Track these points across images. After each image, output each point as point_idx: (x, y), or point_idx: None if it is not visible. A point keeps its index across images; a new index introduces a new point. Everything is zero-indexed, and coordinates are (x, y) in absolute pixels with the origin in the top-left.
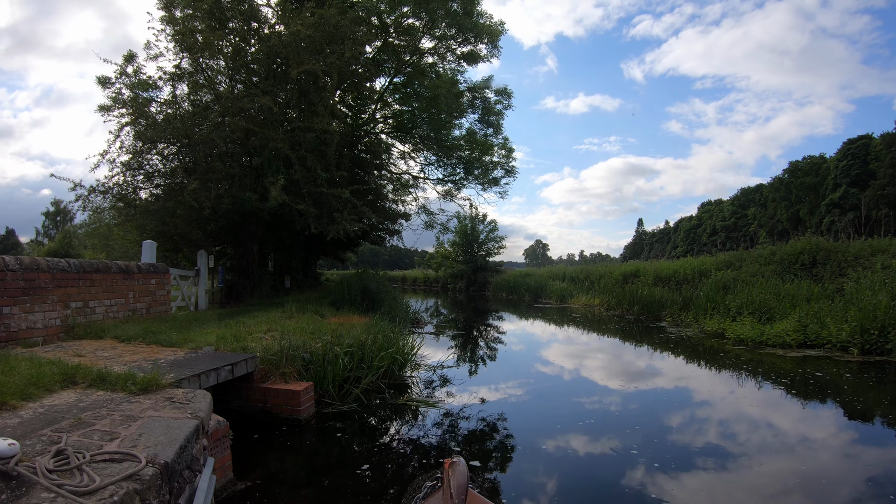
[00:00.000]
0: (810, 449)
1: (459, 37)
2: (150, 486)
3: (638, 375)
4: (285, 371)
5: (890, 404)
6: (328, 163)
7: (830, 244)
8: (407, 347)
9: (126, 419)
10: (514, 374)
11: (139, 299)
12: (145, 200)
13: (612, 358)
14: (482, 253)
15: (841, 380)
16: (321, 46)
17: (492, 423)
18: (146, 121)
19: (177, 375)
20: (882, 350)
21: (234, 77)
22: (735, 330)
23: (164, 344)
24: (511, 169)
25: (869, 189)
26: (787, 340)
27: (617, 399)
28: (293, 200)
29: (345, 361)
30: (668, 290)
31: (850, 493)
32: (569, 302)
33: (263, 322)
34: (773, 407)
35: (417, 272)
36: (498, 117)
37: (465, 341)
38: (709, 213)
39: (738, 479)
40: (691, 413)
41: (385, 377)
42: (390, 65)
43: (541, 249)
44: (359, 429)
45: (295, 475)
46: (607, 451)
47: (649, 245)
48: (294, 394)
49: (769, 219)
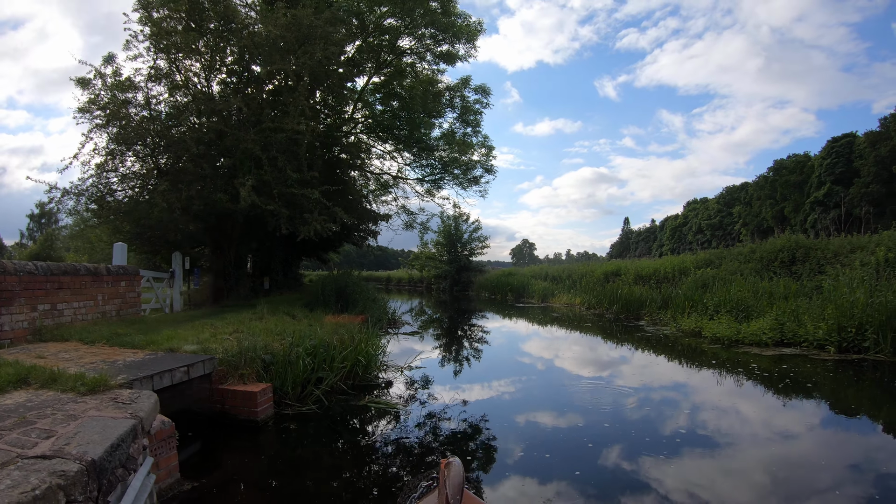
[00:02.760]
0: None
1: (438, 35)
2: (75, 483)
3: (599, 374)
4: (244, 372)
5: (860, 404)
6: (299, 163)
7: (810, 241)
8: (371, 348)
9: (67, 418)
10: (482, 376)
11: (108, 301)
12: (119, 202)
13: (580, 358)
14: (465, 253)
15: (809, 377)
16: (293, 47)
17: (453, 424)
18: (122, 122)
19: (129, 377)
20: (859, 348)
21: (210, 78)
22: (711, 328)
23: (127, 346)
24: (490, 168)
25: (853, 187)
26: (763, 339)
27: (573, 398)
28: (263, 201)
29: (306, 363)
30: (648, 289)
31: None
32: (550, 301)
33: (232, 323)
34: (736, 401)
35: (402, 272)
36: (477, 116)
37: (439, 341)
38: (695, 211)
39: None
40: (643, 415)
41: (350, 378)
42: (370, 65)
43: (527, 249)
44: (314, 431)
45: (243, 476)
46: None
47: (636, 244)
48: (251, 395)
49: (754, 217)
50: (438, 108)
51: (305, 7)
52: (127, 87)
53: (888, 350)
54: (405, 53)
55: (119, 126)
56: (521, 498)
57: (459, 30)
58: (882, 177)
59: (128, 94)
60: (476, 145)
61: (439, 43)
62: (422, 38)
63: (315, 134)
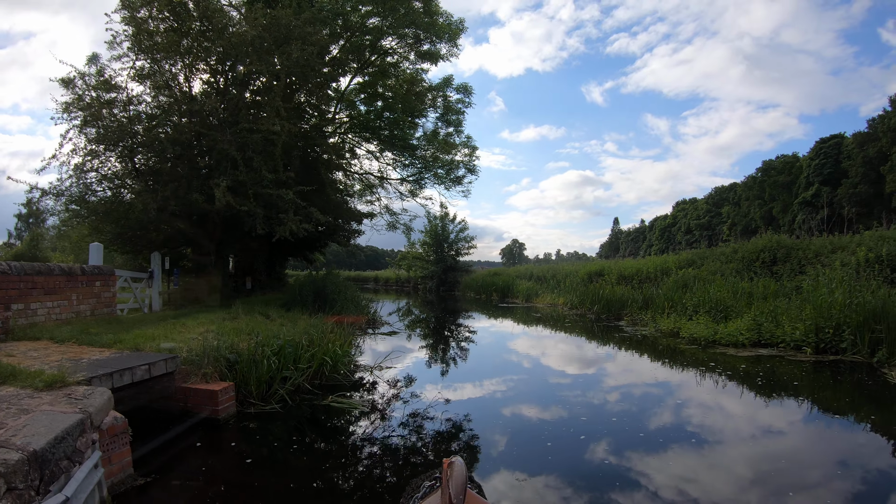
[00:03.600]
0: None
1: (421, 35)
2: (16, 471)
3: (568, 377)
4: (206, 371)
5: (827, 404)
6: (275, 164)
7: (791, 241)
8: (338, 348)
9: (20, 412)
10: (451, 377)
11: (83, 301)
12: (98, 202)
13: (553, 358)
14: (452, 253)
15: (780, 377)
16: (270, 48)
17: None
18: (102, 122)
19: (89, 374)
20: (836, 349)
21: (190, 78)
22: (689, 329)
23: (95, 344)
24: (473, 168)
25: (841, 187)
26: (740, 339)
27: (535, 397)
28: (238, 202)
29: (272, 362)
30: (630, 289)
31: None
32: (534, 301)
33: (204, 323)
34: (698, 402)
35: (390, 273)
36: (459, 116)
37: (415, 342)
38: (684, 211)
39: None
40: (606, 416)
41: (318, 377)
42: (355, 65)
43: (517, 249)
44: (274, 429)
45: (196, 472)
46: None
47: (625, 244)
48: (212, 393)
49: (743, 217)
50: (421, 107)
51: (284, 7)
52: (108, 88)
53: (865, 351)
54: (388, 53)
55: (99, 126)
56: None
57: (441, 29)
58: (870, 177)
59: (109, 94)
60: (459, 145)
61: (421, 42)
62: (404, 37)
63: (292, 134)
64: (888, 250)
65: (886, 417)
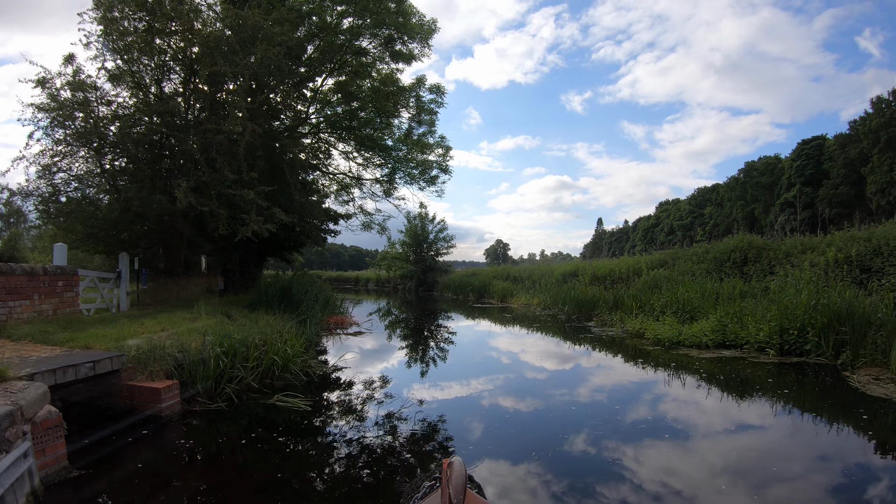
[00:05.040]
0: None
1: (394, 35)
2: None
3: (515, 375)
4: (153, 370)
5: (776, 407)
6: (238, 164)
7: (762, 242)
8: (289, 348)
9: None
10: (403, 377)
11: (45, 301)
12: (67, 203)
13: (510, 359)
14: (432, 253)
15: (735, 379)
16: (234, 48)
17: (353, 420)
18: (74, 122)
19: (33, 370)
20: (800, 351)
21: (161, 79)
22: (654, 330)
23: (49, 343)
24: (446, 168)
25: (822, 188)
26: (703, 340)
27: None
28: (201, 202)
29: (221, 361)
30: (602, 290)
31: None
32: (509, 301)
33: (162, 323)
34: (642, 402)
35: (371, 273)
36: (432, 115)
37: (378, 342)
38: (666, 212)
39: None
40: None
41: (268, 377)
42: (331, 65)
43: (501, 249)
44: (215, 426)
45: (131, 466)
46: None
47: (608, 244)
48: (156, 391)
49: (725, 218)
50: (393, 108)
51: (251, 8)
52: (84, 87)
53: (829, 353)
54: (363, 53)
55: (69, 126)
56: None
57: (412, 28)
58: (850, 178)
59: (83, 94)
60: (434, 145)
61: (394, 41)
62: (377, 37)
63: (256, 135)
64: (858, 251)
65: (837, 424)
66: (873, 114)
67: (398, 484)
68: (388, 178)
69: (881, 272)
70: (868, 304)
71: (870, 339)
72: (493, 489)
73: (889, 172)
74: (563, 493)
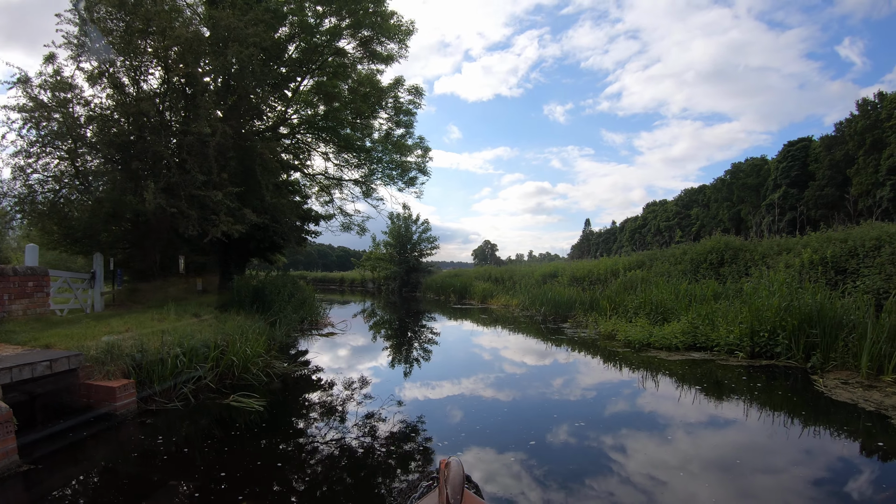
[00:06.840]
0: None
1: (372, 36)
2: None
3: (482, 376)
4: (109, 369)
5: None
6: (209, 165)
7: (739, 243)
8: (248, 349)
9: None
10: (366, 379)
11: (15, 301)
12: (41, 204)
13: (476, 361)
14: (415, 254)
15: (699, 382)
16: (204, 49)
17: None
18: (51, 122)
19: None
20: (771, 353)
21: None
22: (626, 331)
23: (11, 342)
24: (425, 169)
25: (808, 190)
26: (674, 342)
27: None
28: (170, 203)
29: (179, 361)
30: (579, 291)
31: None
32: (489, 302)
33: (131, 323)
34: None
35: (356, 273)
36: (410, 116)
37: (348, 343)
38: (654, 213)
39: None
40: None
41: (228, 377)
42: (312, 65)
43: (489, 250)
44: (168, 425)
45: (81, 462)
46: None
47: (596, 245)
48: (111, 390)
49: (712, 219)
50: (373, 109)
51: (224, 9)
52: (64, 87)
53: (800, 356)
54: (342, 53)
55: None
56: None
57: (390, 29)
58: (836, 180)
59: (58, 94)
60: (412, 147)
61: (371, 42)
62: (355, 37)
63: (227, 136)
64: (833, 252)
65: (790, 428)
66: (859, 116)
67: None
68: (366, 179)
69: (856, 273)
70: (840, 306)
71: (841, 341)
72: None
73: (874, 174)
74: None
